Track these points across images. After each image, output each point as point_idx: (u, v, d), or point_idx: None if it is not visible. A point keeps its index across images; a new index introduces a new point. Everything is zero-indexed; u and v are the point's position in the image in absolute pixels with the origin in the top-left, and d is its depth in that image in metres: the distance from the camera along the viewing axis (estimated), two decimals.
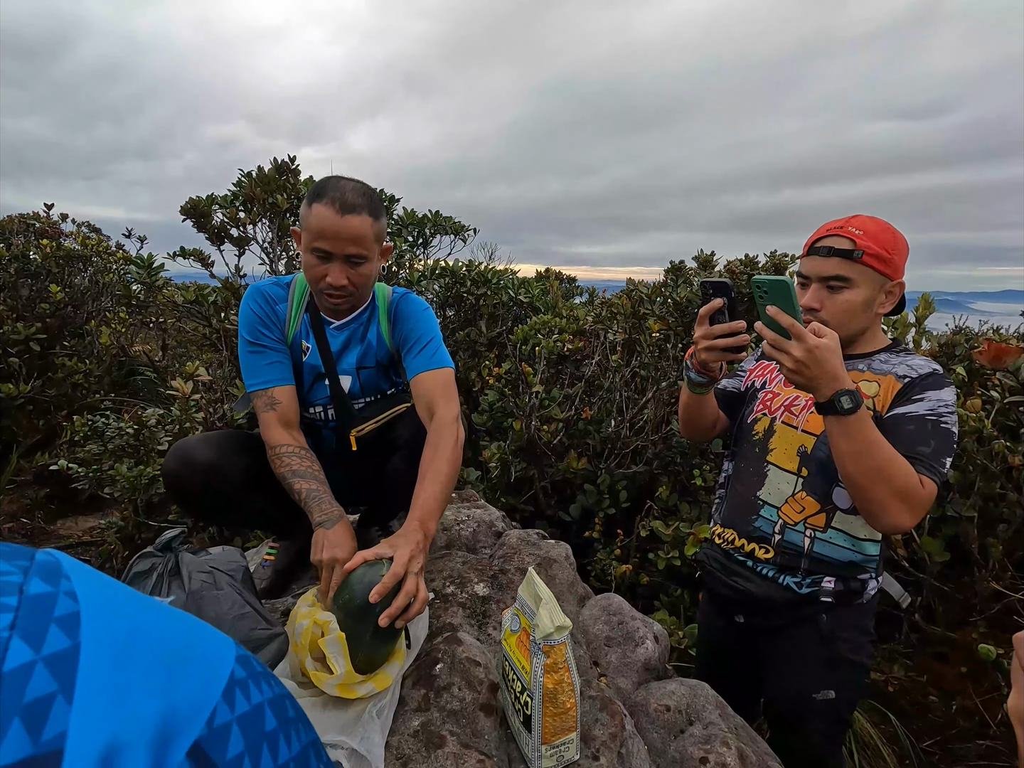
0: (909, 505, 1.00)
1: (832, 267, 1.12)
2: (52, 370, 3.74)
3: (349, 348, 1.34)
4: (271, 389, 1.24)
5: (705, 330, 1.07)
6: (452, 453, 1.15)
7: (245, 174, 3.36)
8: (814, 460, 1.17)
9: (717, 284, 1.05)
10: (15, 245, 3.88)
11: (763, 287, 0.97)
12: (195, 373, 2.51)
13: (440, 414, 1.20)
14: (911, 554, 1.96)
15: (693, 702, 1.04)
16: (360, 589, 0.90)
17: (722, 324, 1.05)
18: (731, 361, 1.13)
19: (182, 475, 1.19)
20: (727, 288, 1.04)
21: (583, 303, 3.82)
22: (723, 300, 1.03)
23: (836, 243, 1.12)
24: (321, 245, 1.15)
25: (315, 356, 1.32)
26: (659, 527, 2.17)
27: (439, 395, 1.23)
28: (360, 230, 1.15)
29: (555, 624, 0.81)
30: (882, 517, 1.01)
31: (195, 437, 1.24)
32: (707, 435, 1.40)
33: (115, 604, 0.33)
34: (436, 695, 0.91)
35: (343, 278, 1.18)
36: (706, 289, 1.06)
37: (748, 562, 1.23)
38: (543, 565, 1.32)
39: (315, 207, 1.15)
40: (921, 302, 2.69)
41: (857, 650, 1.20)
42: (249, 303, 1.28)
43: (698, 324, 1.09)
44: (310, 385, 1.35)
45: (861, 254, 1.09)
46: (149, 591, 0.83)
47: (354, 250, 1.16)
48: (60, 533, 3.23)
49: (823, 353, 0.94)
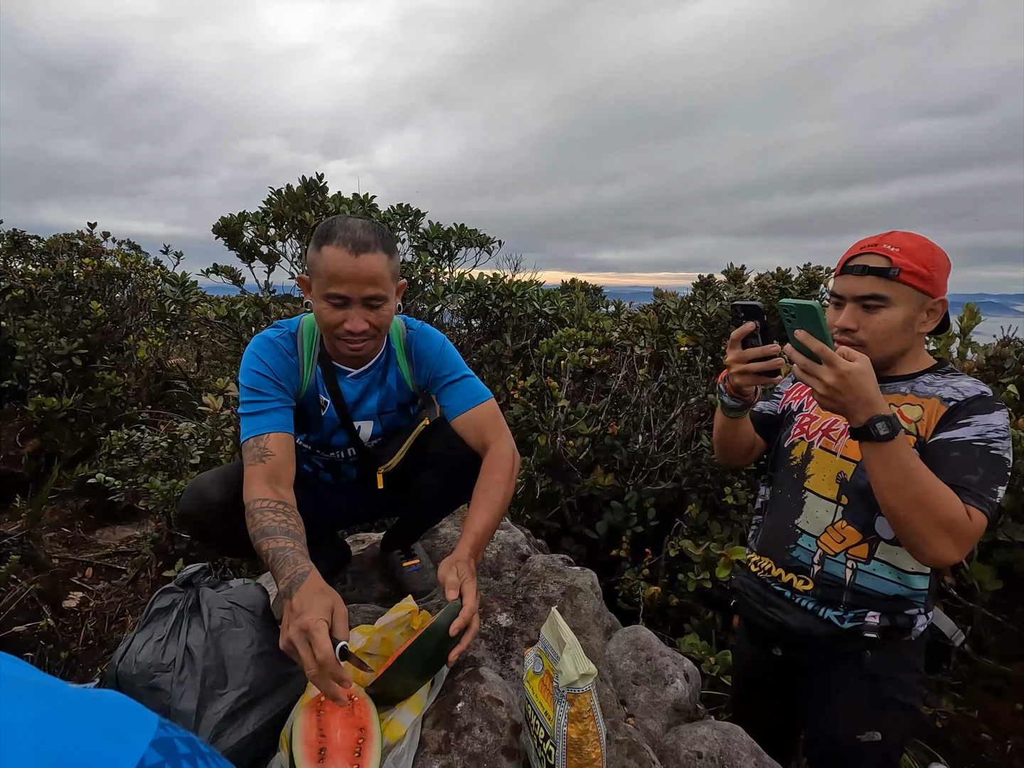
0: (955, 538, 0.93)
1: (867, 286, 1.07)
2: (93, 384, 3.87)
3: (369, 393, 1.30)
4: (265, 437, 1.12)
5: (738, 354, 1.04)
6: (507, 485, 1.15)
7: (275, 192, 3.43)
8: (854, 487, 1.11)
9: (749, 308, 1.02)
10: (59, 264, 4.04)
11: (791, 311, 0.94)
12: (225, 389, 2.56)
13: (495, 446, 1.19)
14: (959, 581, 1.86)
15: (727, 748, 0.99)
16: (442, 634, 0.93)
17: (755, 348, 1.02)
18: (765, 385, 1.09)
19: (196, 514, 1.18)
20: (759, 311, 1.01)
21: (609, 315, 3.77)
22: (755, 324, 1.00)
23: (871, 261, 1.07)
24: (337, 290, 1.07)
25: (332, 409, 1.28)
26: (689, 547, 2.10)
27: (490, 429, 1.22)
28: (377, 269, 1.08)
29: (579, 672, 0.77)
30: (925, 550, 0.96)
31: (210, 473, 1.22)
32: (744, 460, 1.36)
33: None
34: (457, 736, 0.88)
35: (363, 323, 1.10)
36: (737, 312, 1.03)
37: (786, 593, 1.18)
38: (568, 595, 1.29)
39: (325, 250, 1.07)
40: (966, 312, 2.56)
41: (905, 690, 1.13)
42: (260, 355, 1.18)
43: (730, 348, 1.06)
44: (330, 435, 1.32)
45: (898, 272, 1.04)
46: (169, 629, 0.83)
47: (372, 291, 1.09)
48: (99, 543, 3.33)
49: (855, 379, 0.90)
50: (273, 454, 1.11)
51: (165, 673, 0.77)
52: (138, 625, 0.85)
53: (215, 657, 0.81)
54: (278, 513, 1.03)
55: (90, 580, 2.92)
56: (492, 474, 1.15)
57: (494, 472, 1.15)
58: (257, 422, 1.14)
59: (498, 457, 1.18)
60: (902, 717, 1.15)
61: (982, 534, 0.96)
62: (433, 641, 0.92)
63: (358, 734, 0.85)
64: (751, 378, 1.04)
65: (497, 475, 1.15)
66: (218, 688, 0.80)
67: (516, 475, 1.19)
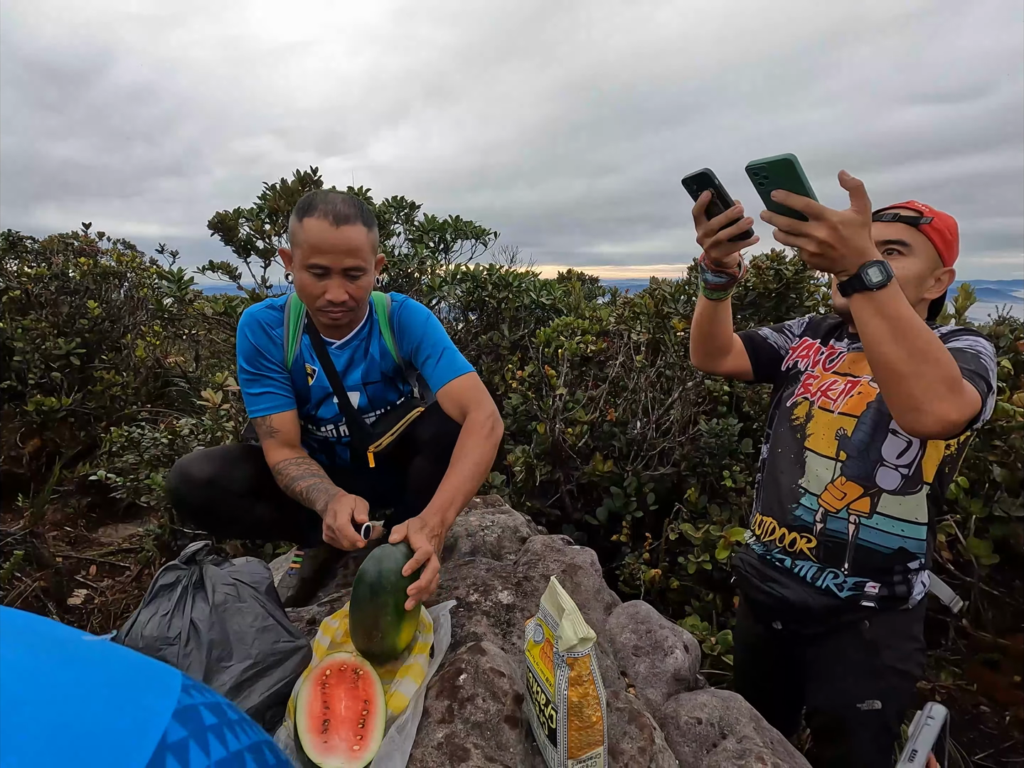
0: (956, 396, 0.85)
1: (895, 232, 1.12)
2: (91, 383, 3.88)
3: (353, 365, 1.33)
4: (270, 417, 1.26)
5: (705, 227, 0.99)
6: (481, 447, 1.16)
7: (269, 187, 3.43)
8: (854, 443, 1.12)
9: (697, 177, 0.93)
10: (55, 264, 4.04)
11: (762, 172, 0.83)
12: (224, 383, 2.57)
13: (472, 414, 1.20)
14: (956, 556, 1.87)
15: (726, 715, 1.00)
16: (380, 567, 0.95)
17: (719, 215, 0.95)
18: (744, 248, 1.04)
19: (182, 491, 1.20)
20: (709, 178, 0.92)
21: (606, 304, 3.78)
22: (710, 192, 0.93)
23: (902, 211, 1.13)
24: (318, 260, 1.11)
25: (321, 377, 1.31)
26: (688, 530, 2.12)
27: (469, 399, 1.23)
28: (356, 240, 1.12)
29: (578, 636, 0.78)
30: (925, 409, 0.86)
31: (196, 453, 1.27)
32: (718, 363, 1.33)
33: (6, 680, 0.28)
34: (460, 707, 0.89)
35: (343, 293, 1.15)
36: (690, 187, 0.95)
37: (786, 561, 1.19)
38: (568, 572, 1.30)
39: (307, 221, 1.10)
40: (961, 292, 2.57)
41: (904, 659, 1.14)
42: (245, 332, 1.26)
43: (696, 225, 1.01)
44: (318, 405, 1.34)
45: (929, 220, 1.10)
46: (174, 604, 0.84)
47: (352, 262, 1.13)
48: (101, 540, 3.34)
49: (850, 229, 0.82)
50: (280, 430, 1.26)
51: (171, 646, 0.78)
52: (143, 601, 0.86)
53: (220, 631, 0.82)
54: (300, 464, 1.23)
55: (94, 577, 2.94)
56: (465, 439, 1.17)
57: (468, 437, 1.17)
58: (259, 403, 1.26)
59: (472, 423, 1.19)
60: (902, 685, 1.16)
61: (977, 410, 0.90)
62: (366, 583, 0.94)
63: (362, 706, 0.86)
64: (726, 247, 1.00)
65: (470, 440, 1.16)
66: (224, 661, 0.81)
67: (496, 439, 1.20)
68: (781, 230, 0.87)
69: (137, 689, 0.33)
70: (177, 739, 0.31)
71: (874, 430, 1.11)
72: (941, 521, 1.88)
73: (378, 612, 0.93)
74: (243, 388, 1.27)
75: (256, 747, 0.36)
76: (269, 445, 1.26)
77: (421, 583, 0.96)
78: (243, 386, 1.27)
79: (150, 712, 0.31)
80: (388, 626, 0.93)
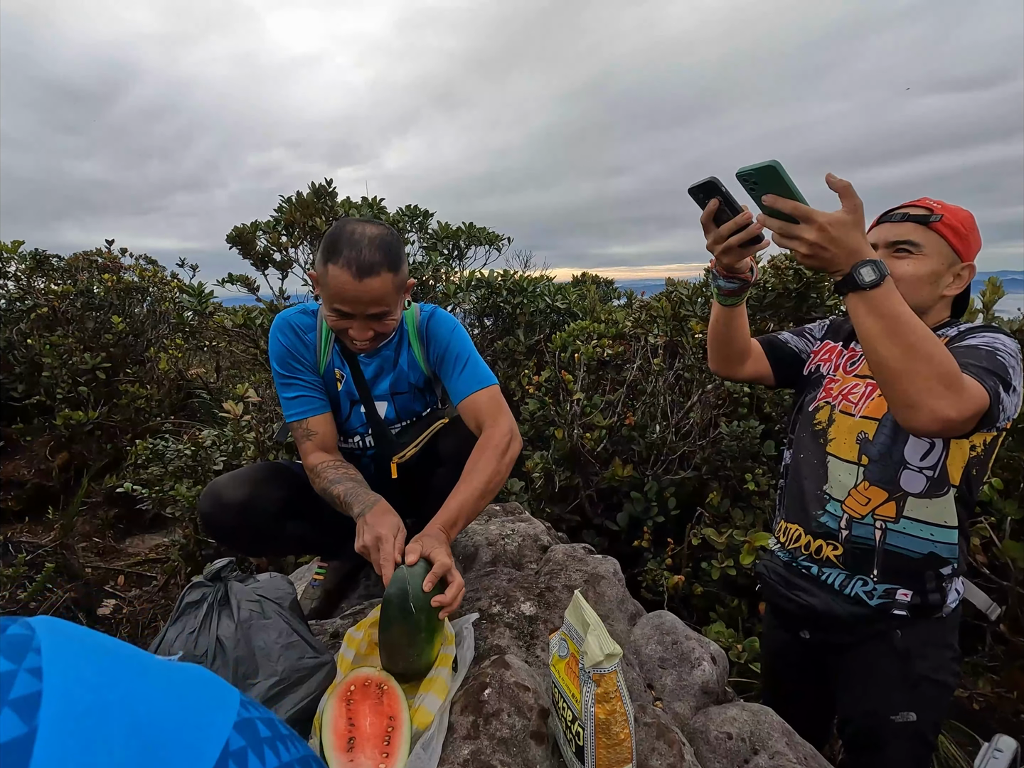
0: (953, 393, 0.84)
1: (904, 231, 1.09)
2: (117, 396, 3.96)
3: (382, 375, 1.33)
4: (306, 420, 1.26)
5: (714, 235, 0.99)
6: (494, 465, 1.14)
7: (285, 200, 3.47)
8: (876, 446, 1.09)
9: (704, 186, 0.94)
10: (80, 281, 4.14)
11: (751, 178, 0.85)
12: (245, 395, 2.60)
13: (488, 430, 1.19)
14: (992, 560, 1.81)
15: (757, 729, 0.98)
16: (409, 588, 0.94)
17: (728, 222, 0.96)
18: (755, 253, 1.04)
19: (216, 516, 1.21)
20: (715, 186, 0.93)
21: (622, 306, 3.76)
22: (718, 199, 0.94)
23: (912, 211, 1.10)
24: (340, 307, 1.12)
25: (349, 384, 1.32)
26: (711, 535, 2.09)
27: (485, 413, 1.22)
28: (380, 291, 1.10)
29: (604, 652, 0.77)
30: (921, 406, 0.85)
31: (227, 476, 1.26)
32: (737, 369, 1.31)
33: (89, 680, 0.30)
34: (485, 722, 0.89)
35: (368, 332, 1.15)
36: (697, 196, 0.96)
37: (812, 568, 1.16)
38: (590, 582, 1.29)
39: (331, 268, 1.09)
40: (988, 286, 2.50)
41: (939, 668, 1.11)
42: (277, 335, 1.27)
43: (706, 233, 1.01)
44: (347, 413, 1.35)
45: (939, 218, 1.06)
46: (200, 622, 0.84)
47: (376, 310, 1.13)
48: (129, 551, 3.41)
49: (838, 229, 0.84)
50: (317, 432, 1.27)
51: (199, 664, 0.79)
52: (170, 619, 0.87)
53: (245, 648, 0.83)
54: (338, 468, 1.22)
55: (122, 588, 2.99)
56: (478, 456, 1.15)
57: (481, 454, 1.15)
58: (295, 406, 1.27)
59: (487, 439, 1.17)
60: (937, 695, 1.12)
61: (980, 407, 0.88)
62: (395, 605, 0.93)
63: (387, 722, 0.86)
64: (736, 252, 1.00)
65: (482, 457, 1.14)
66: (250, 678, 0.81)
67: (511, 457, 1.18)
68: (775, 233, 0.90)
69: (202, 701, 0.36)
70: (237, 748, 0.33)
71: (895, 432, 1.08)
72: (974, 524, 1.82)
73: (412, 633, 0.93)
74: (279, 392, 1.28)
75: (304, 760, 0.39)
76: (307, 448, 1.26)
77: (446, 599, 0.96)
78: (279, 390, 1.28)
79: (214, 722, 0.34)
80: (422, 644, 0.94)
